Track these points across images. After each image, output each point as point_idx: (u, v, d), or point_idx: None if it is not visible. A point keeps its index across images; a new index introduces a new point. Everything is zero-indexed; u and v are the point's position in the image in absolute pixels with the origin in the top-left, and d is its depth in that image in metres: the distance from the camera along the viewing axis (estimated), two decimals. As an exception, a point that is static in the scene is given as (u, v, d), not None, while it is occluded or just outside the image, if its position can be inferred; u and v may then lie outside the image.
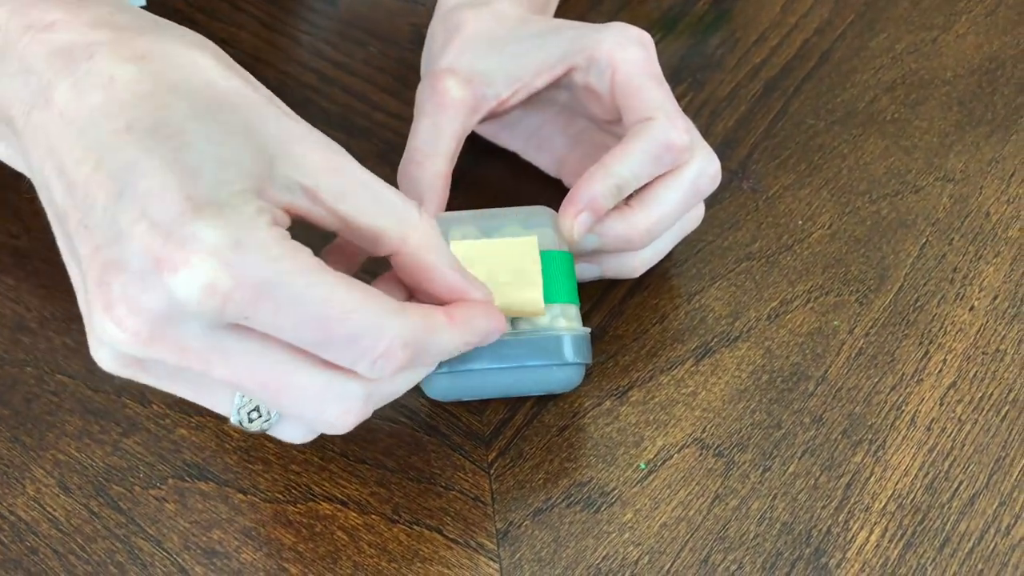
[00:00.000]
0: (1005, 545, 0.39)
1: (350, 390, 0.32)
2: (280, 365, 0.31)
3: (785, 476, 0.41)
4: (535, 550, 0.39)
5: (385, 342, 0.31)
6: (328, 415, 0.32)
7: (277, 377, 0.31)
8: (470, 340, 0.35)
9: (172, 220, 0.28)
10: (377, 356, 0.31)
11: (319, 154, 0.32)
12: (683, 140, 0.41)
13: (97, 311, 0.30)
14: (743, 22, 0.57)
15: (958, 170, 0.50)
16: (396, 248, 0.34)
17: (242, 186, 0.30)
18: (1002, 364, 0.43)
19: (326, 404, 0.32)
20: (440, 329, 0.33)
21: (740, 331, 0.45)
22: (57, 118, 0.31)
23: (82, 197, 0.30)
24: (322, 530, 0.40)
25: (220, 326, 0.30)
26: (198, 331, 0.30)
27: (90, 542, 0.40)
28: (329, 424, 0.32)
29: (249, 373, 0.31)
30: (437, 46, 0.45)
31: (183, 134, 0.30)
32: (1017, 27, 0.56)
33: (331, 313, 0.30)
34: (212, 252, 0.28)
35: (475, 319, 0.35)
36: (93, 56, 0.31)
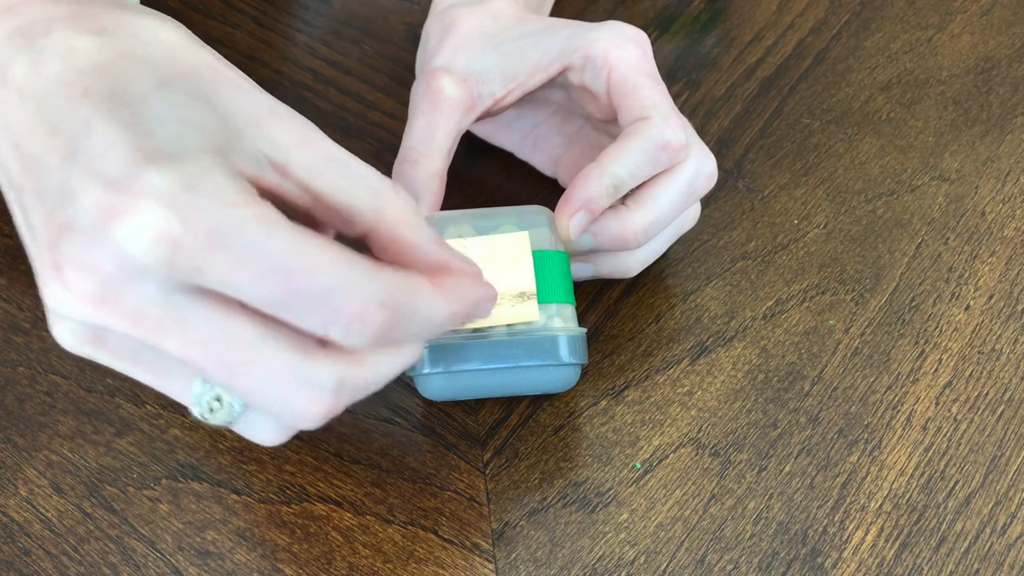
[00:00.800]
0: (1001, 545, 0.39)
1: (320, 376, 0.28)
2: (241, 340, 0.28)
3: (781, 476, 0.41)
4: (531, 550, 0.39)
5: (359, 300, 0.27)
6: (294, 403, 0.28)
7: (237, 353, 0.27)
8: (459, 310, 0.30)
9: (122, 172, 0.27)
10: (351, 317, 0.27)
11: (289, 128, 0.30)
12: (679, 139, 0.41)
13: (47, 277, 0.28)
14: (738, 21, 0.57)
15: (953, 169, 0.50)
16: (371, 224, 0.30)
17: (200, 147, 0.28)
18: (998, 363, 0.43)
19: (291, 390, 0.28)
20: (423, 293, 0.29)
21: (736, 330, 0.45)
22: (14, 95, 0.29)
23: (36, 166, 0.28)
24: (316, 531, 0.40)
25: (178, 289, 0.27)
26: (154, 294, 0.27)
27: (83, 543, 0.40)
28: (295, 414, 0.29)
29: (206, 347, 0.27)
30: (432, 45, 0.45)
31: (143, 100, 0.28)
32: (1012, 27, 0.56)
33: (296, 266, 0.27)
34: (160, 196, 0.26)
35: (463, 287, 0.31)
36: (51, 31, 0.30)
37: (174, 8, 0.58)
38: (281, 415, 0.29)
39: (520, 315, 0.39)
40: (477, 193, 0.49)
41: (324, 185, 0.30)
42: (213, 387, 0.31)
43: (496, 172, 0.50)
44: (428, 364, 0.39)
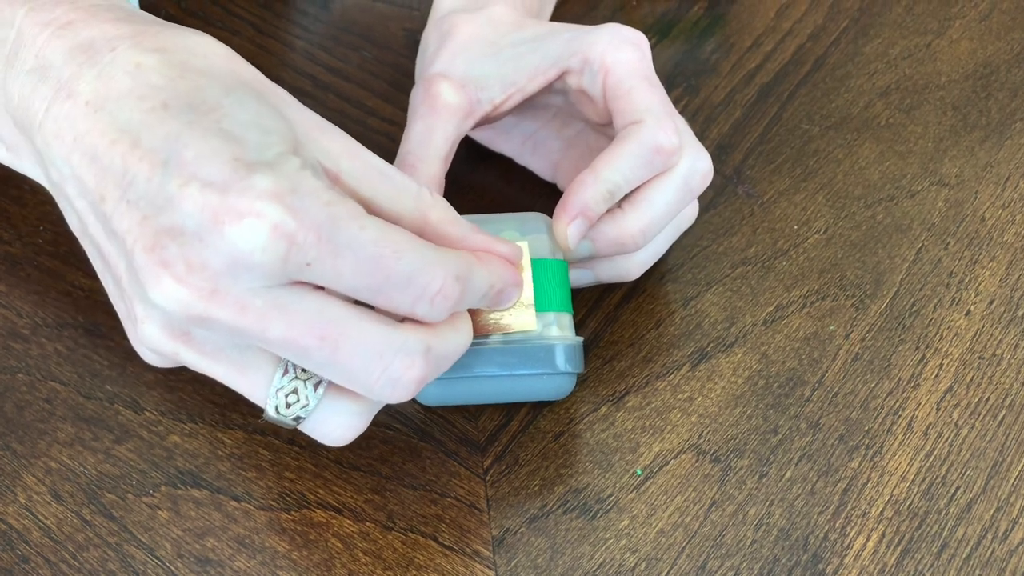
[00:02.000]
0: (1003, 551, 0.39)
1: (410, 342, 0.31)
2: (339, 318, 0.30)
3: (782, 482, 0.41)
4: (531, 557, 0.39)
5: (439, 278, 0.31)
6: (392, 369, 0.31)
7: (338, 329, 0.30)
8: (494, 283, 0.34)
9: (226, 178, 0.29)
10: (435, 293, 0.31)
11: (337, 140, 0.33)
12: (672, 143, 0.40)
13: (151, 277, 0.30)
14: (737, 27, 0.57)
15: (953, 175, 0.50)
16: (419, 227, 0.34)
17: (283, 148, 0.30)
18: (998, 369, 0.43)
19: (389, 357, 0.31)
20: (475, 266, 0.33)
21: (736, 336, 0.45)
22: (83, 107, 0.31)
23: (120, 175, 0.30)
24: (316, 538, 0.40)
25: (280, 283, 0.30)
26: (259, 288, 0.30)
27: (82, 550, 0.39)
28: (393, 380, 0.31)
29: (308, 327, 0.30)
30: (431, 51, 0.45)
31: (220, 108, 0.30)
32: (1011, 32, 0.56)
33: (386, 252, 0.30)
34: (274, 197, 0.29)
35: (495, 263, 0.35)
36: (116, 48, 0.31)
37: (173, 14, 0.58)
38: (378, 384, 0.31)
39: (517, 323, 0.39)
40: (478, 198, 0.49)
41: (372, 193, 0.33)
42: (293, 379, 0.33)
43: (496, 178, 0.50)
44: None
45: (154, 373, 0.44)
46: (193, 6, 0.59)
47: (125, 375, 0.44)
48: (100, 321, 0.45)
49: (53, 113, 0.32)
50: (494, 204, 0.49)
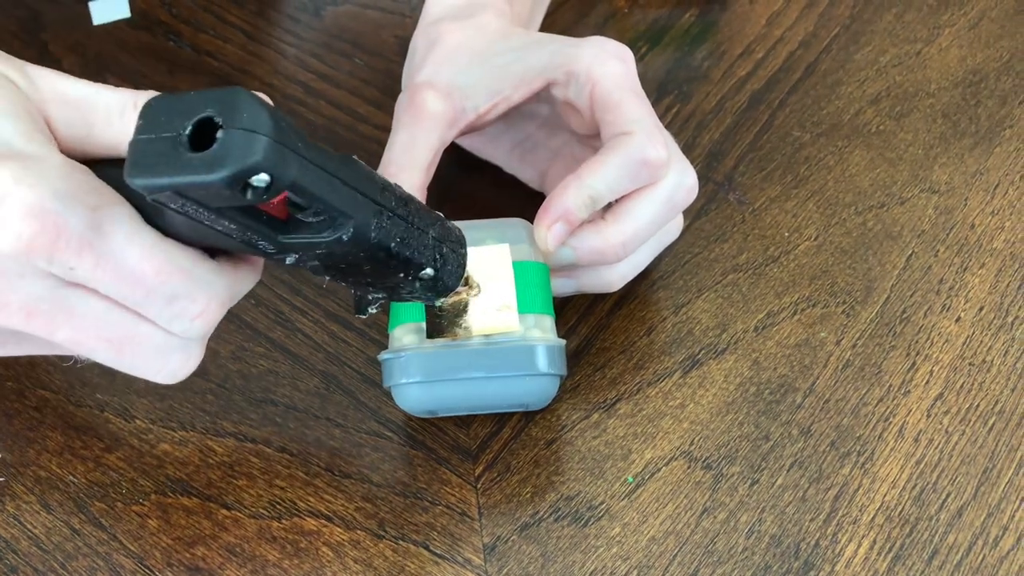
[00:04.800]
0: (994, 557, 0.39)
1: (189, 342, 0.33)
2: (122, 322, 0.31)
3: (773, 489, 0.41)
4: (523, 565, 0.39)
5: (202, 302, 0.32)
6: (172, 365, 0.33)
7: (120, 333, 0.31)
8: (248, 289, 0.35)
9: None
10: (195, 316, 0.32)
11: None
12: (660, 156, 0.40)
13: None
14: (729, 35, 0.57)
15: (943, 182, 0.50)
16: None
17: (42, 137, 0.30)
18: (988, 375, 0.43)
19: (168, 355, 0.32)
20: (245, 285, 0.34)
21: (727, 343, 0.45)
22: None
23: None
24: (307, 546, 0.39)
25: (61, 284, 0.30)
26: (43, 290, 0.30)
27: (71, 560, 0.39)
28: (172, 373, 0.33)
29: (94, 331, 0.31)
30: (418, 58, 0.45)
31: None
32: (1000, 40, 0.56)
33: (148, 271, 0.30)
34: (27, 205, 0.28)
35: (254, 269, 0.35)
36: None
37: (164, 21, 0.58)
38: (159, 377, 0.33)
39: (500, 326, 0.39)
40: (467, 206, 0.49)
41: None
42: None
43: (484, 186, 0.50)
44: (405, 373, 0.39)
45: (144, 381, 0.44)
46: (185, 13, 0.59)
47: (115, 383, 0.44)
48: (90, 329, 0.45)
49: None
50: (482, 212, 0.49)
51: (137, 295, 0.31)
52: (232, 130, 0.26)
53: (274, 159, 0.26)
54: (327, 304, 0.47)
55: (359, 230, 0.30)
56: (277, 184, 0.27)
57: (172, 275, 0.31)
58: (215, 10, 0.59)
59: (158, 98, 0.28)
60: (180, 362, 0.33)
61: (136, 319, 0.32)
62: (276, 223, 0.30)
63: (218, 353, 0.45)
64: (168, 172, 0.26)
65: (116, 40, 0.57)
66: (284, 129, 0.27)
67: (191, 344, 0.33)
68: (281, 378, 0.44)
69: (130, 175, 0.27)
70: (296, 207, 0.29)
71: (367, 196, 0.30)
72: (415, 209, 0.32)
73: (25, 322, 0.30)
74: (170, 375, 0.33)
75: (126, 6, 0.59)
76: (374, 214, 0.30)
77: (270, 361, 0.45)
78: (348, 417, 0.43)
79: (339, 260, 0.31)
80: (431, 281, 0.34)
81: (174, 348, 0.33)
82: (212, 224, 0.29)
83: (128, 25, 0.58)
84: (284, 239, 0.30)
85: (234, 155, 0.26)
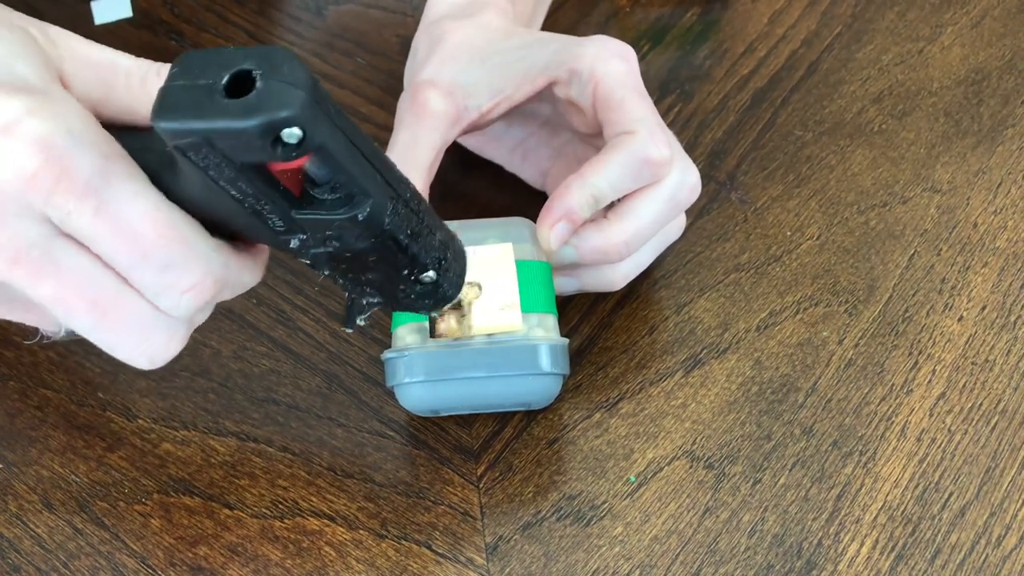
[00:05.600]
0: (996, 556, 0.39)
1: (174, 321, 0.31)
2: (111, 286, 0.30)
3: (776, 488, 0.41)
4: (525, 564, 0.39)
5: (196, 276, 0.30)
6: (152, 345, 0.31)
7: (107, 297, 0.30)
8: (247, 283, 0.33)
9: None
10: (186, 289, 0.30)
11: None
12: (663, 155, 0.40)
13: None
14: (731, 33, 0.57)
15: (945, 181, 0.50)
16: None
17: (59, 84, 0.29)
18: (991, 374, 0.43)
19: (150, 333, 0.31)
20: (242, 269, 0.32)
21: (729, 342, 0.45)
22: None
23: None
24: (309, 546, 0.39)
25: (50, 232, 0.29)
26: (33, 235, 0.28)
27: (73, 559, 0.39)
28: (150, 356, 0.31)
29: (79, 289, 0.29)
30: (420, 57, 0.45)
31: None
32: (1002, 39, 0.56)
33: (148, 231, 0.29)
34: (36, 136, 0.27)
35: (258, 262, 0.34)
36: None
37: (166, 21, 0.58)
38: (135, 355, 0.31)
39: (503, 325, 0.39)
40: (468, 205, 0.49)
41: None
42: None
43: (486, 185, 0.50)
44: (408, 373, 0.39)
45: (146, 380, 0.44)
46: (187, 12, 0.59)
47: (117, 382, 0.44)
48: (92, 328, 0.45)
49: None
50: (484, 211, 0.49)
51: (131, 256, 0.29)
52: (271, 81, 0.26)
53: (309, 115, 0.26)
54: (329, 303, 0.47)
55: (374, 212, 0.29)
56: (308, 142, 0.26)
57: (171, 240, 0.29)
58: (217, 9, 0.59)
59: (194, 52, 0.27)
60: (162, 342, 0.31)
61: (124, 286, 0.30)
62: (290, 196, 0.29)
63: (220, 352, 0.45)
64: (201, 116, 0.26)
65: (118, 40, 0.57)
66: (321, 91, 0.27)
67: (176, 325, 0.31)
68: (283, 377, 0.44)
69: (158, 117, 0.26)
70: (312, 183, 0.29)
71: (386, 180, 0.30)
72: (426, 208, 0.32)
73: (9, 267, 0.29)
74: (149, 356, 0.32)
75: (128, 5, 0.59)
76: (390, 199, 0.30)
77: (272, 360, 0.45)
78: (350, 417, 0.43)
79: (345, 248, 0.31)
80: (432, 286, 0.33)
81: (158, 326, 0.31)
82: (228, 186, 0.28)
83: (130, 24, 0.58)
84: (296, 214, 0.29)
85: (271, 104, 0.26)
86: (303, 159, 0.27)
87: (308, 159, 0.27)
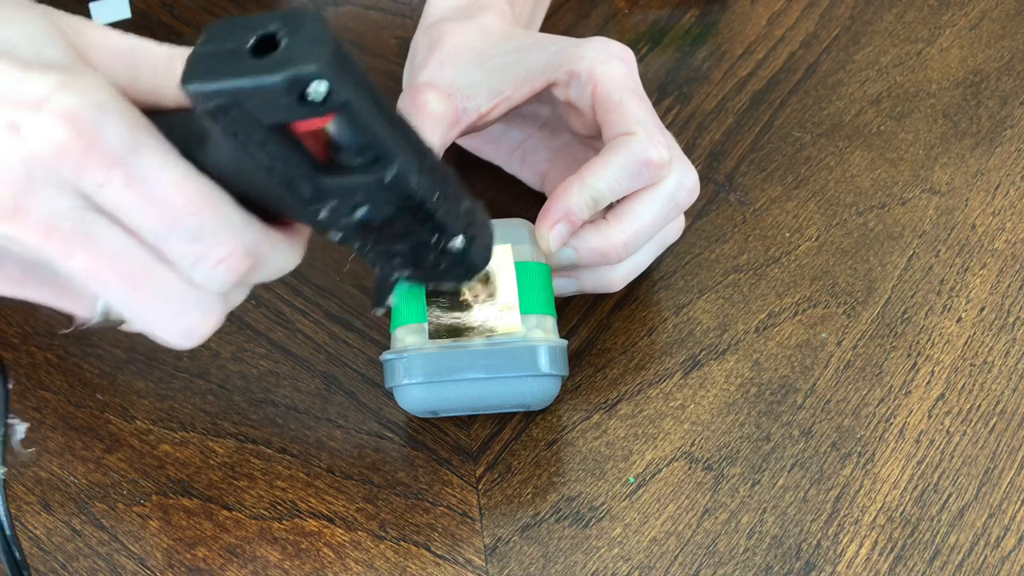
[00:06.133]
0: (995, 558, 0.39)
1: (210, 296, 0.31)
2: (145, 260, 0.30)
3: (775, 489, 0.41)
4: (524, 566, 0.39)
5: (229, 246, 0.30)
6: (188, 321, 0.31)
7: (141, 270, 0.30)
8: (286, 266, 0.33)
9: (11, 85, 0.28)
10: (219, 260, 0.30)
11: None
12: (662, 157, 0.41)
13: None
14: (729, 35, 0.57)
15: (944, 182, 0.50)
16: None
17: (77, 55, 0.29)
18: (990, 376, 0.43)
19: (187, 308, 0.31)
20: (276, 246, 0.32)
21: (728, 344, 0.45)
22: None
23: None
24: (308, 547, 0.39)
25: (83, 204, 0.29)
26: (66, 209, 0.29)
27: (72, 560, 0.39)
28: (188, 332, 0.31)
29: (112, 262, 0.29)
30: (419, 59, 0.45)
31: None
32: (1000, 40, 0.56)
33: (179, 200, 0.29)
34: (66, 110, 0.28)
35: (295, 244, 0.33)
36: None
37: (165, 23, 0.58)
38: (172, 332, 0.31)
39: (502, 326, 0.39)
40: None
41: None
42: None
43: (485, 186, 0.50)
44: (407, 374, 0.39)
45: (145, 382, 0.44)
46: (185, 15, 0.59)
47: (116, 384, 0.44)
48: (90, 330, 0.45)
49: None
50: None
51: (162, 226, 0.29)
52: (296, 38, 0.26)
53: (335, 69, 0.27)
54: (328, 305, 0.47)
55: (401, 173, 0.29)
56: (333, 98, 0.27)
57: (202, 208, 0.29)
58: (215, 11, 0.59)
59: (220, 21, 0.28)
60: (197, 318, 0.31)
61: (156, 261, 0.30)
62: (317, 163, 0.29)
63: (218, 354, 0.45)
64: (228, 76, 0.26)
65: (117, 41, 0.57)
66: (345, 52, 0.27)
67: (211, 301, 0.31)
68: (282, 379, 0.44)
69: (188, 80, 0.27)
70: (337, 149, 0.29)
71: (410, 143, 0.30)
72: (451, 176, 0.32)
73: (43, 238, 0.29)
74: (186, 332, 0.31)
75: (126, 7, 0.59)
76: (416, 161, 0.30)
77: (271, 362, 0.45)
78: (349, 418, 0.43)
79: (374, 215, 0.30)
80: (461, 254, 0.33)
81: (193, 301, 0.31)
82: (257, 151, 0.28)
83: (128, 26, 0.58)
84: (324, 180, 0.29)
85: (297, 59, 0.26)
86: (329, 116, 0.27)
87: (333, 118, 0.28)
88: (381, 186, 0.29)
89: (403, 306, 0.40)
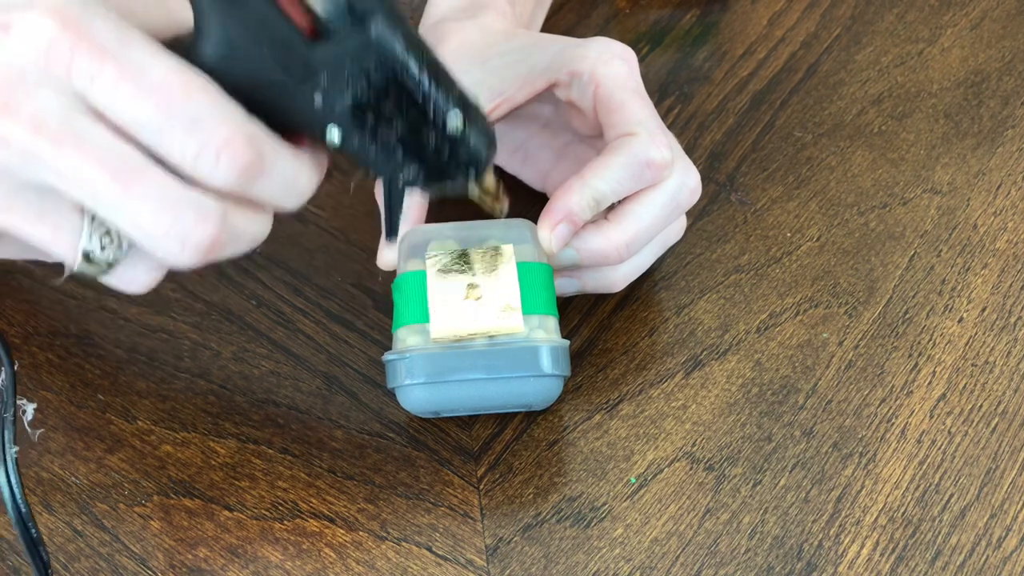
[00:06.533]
0: (997, 558, 0.39)
1: (207, 201, 0.30)
2: (135, 159, 0.29)
3: (776, 490, 0.41)
4: (525, 566, 0.39)
5: (228, 129, 0.29)
6: (183, 224, 0.30)
7: (132, 167, 0.29)
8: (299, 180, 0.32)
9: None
10: (221, 145, 0.29)
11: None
12: (664, 157, 0.41)
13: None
14: (730, 35, 0.57)
15: (945, 182, 0.50)
16: None
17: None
18: (991, 376, 0.43)
19: (182, 208, 0.29)
20: (284, 152, 0.31)
21: (730, 344, 0.45)
22: None
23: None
24: (309, 547, 0.39)
25: (76, 106, 0.29)
26: (55, 107, 0.29)
27: (73, 561, 0.39)
28: (182, 237, 0.30)
29: (102, 160, 0.29)
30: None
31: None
32: (1002, 40, 0.56)
33: (174, 85, 0.29)
34: (54, 6, 0.28)
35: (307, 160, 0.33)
36: None
37: (166, 23, 0.58)
38: (166, 238, 0.30)
39: (504, 326, 0.39)
40: (467, 207, 0.49)
41: None
42: (103, 223, 0.31)
43: (489, 186, 0.50)
44: (409, 374, 0.39)
45: (146, 382, 0.44)
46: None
47: (117, 384, 0.44)
48: (92, 330, 0.45)
49: None
50: (483, 212, 0.49)
51: (158, 116, 0.29)
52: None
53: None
54: (329, 305, 0.47)
55: (384, 28, 0.30)
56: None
57: (196, 92, 0.29)
58: (216, 11, 0.59)
59: None
60: (192, 221, 0.30)
61: (148, 160, 0.29)
62: (304, 36, 0.30)
63: (220, 354, 0.45)
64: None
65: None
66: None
67: (207, 204, 0.30)
68: (283, 379, 0.44)
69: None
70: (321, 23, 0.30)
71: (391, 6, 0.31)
72: (440, 62, 0.32)
73: (31, 137, 0.29)
74: (181, 237, 0.30)
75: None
76: (400, 21, 0.31)
77: (272, 362, 0.45)
78: (350, 418, 0.43)
79: (367, 88, 0.31)
80: (460, 138, 0.33)
81: (186, 200, 0.30)
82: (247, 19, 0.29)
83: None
84: (312, 52, 0.30)
85: None
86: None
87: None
88: (368, 46, 0.30)
89: (405, 307, 0.40)
